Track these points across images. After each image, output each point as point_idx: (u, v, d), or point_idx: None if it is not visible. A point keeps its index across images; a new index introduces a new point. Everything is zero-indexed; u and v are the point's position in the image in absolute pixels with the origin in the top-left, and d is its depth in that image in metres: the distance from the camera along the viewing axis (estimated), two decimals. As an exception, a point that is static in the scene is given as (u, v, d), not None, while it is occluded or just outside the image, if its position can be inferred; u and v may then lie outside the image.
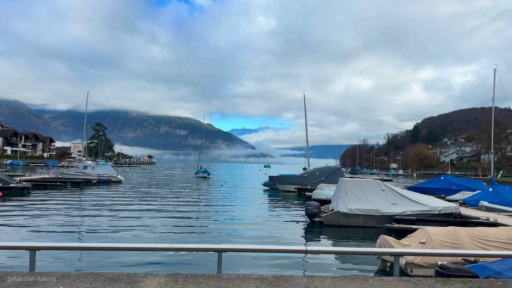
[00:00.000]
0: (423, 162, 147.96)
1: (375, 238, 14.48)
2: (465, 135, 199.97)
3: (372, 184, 16.77)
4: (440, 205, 16.41)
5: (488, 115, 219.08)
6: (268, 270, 9.56)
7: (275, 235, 14.29)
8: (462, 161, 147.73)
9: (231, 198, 28.41)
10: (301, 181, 34.38)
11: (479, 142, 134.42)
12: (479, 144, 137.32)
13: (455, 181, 29.03)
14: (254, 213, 20.42)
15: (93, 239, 12.70)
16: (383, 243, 9.45)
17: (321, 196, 23.63)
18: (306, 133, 40.97)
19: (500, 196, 20.83)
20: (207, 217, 18.35)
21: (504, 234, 9.17)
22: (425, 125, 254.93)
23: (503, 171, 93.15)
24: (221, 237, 13.58)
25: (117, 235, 13.36)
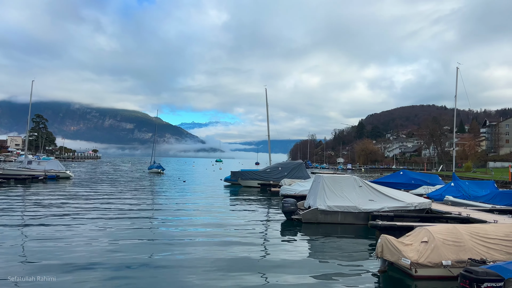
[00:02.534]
0: (369, 157, 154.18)
1: (354, 235, 14.35)
2: (406, 131, 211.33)
3: (350, 180, 16.60)
4: (415, 201, 16.60)
5: (426, 113, 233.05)
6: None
7: (257, 236, 13.60)
8: (405, 156, 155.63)
9: (193, 195, 27.26)
10: (264, 177, 33.97)
11: (420, 138, 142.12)
12: (420, 140, 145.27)
13: (414, 176, 29.98)
14: (227, 212, 19.58)
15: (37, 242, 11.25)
16: (385, 243, 9.10)
17: (289, 192, 23.29)
18: (267, 128, 40.64)
19: (461, 190, 21.68)
20: (171, 219, 17.10)
21: (502, 231, 9.17)
22: (369, 121, 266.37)
23: (443, 166, 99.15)
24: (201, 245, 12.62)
25: (69, 242, 11.98)
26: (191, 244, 11.85)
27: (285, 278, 8.83)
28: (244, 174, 35.19)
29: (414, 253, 8.68)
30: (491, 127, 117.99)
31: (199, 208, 20.48)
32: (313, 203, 16.09)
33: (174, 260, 9.93)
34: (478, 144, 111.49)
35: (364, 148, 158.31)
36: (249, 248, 11.54)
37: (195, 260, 9.98)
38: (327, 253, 11.40)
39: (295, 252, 11.44)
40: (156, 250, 10.86)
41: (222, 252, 10.86)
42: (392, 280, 8.88)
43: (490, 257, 8.40)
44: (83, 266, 9.03)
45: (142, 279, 8.33)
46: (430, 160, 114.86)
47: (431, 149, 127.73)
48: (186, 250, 10.98)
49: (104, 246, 11.08)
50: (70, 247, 10.85)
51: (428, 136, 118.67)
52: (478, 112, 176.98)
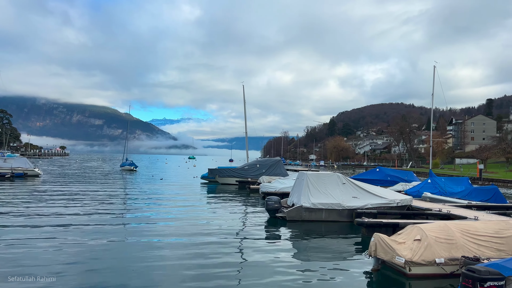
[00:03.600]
0: (340, 154, 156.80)
1: (339, 232, 14.30)
2: (376, 129, 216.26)
3: (333, 177, 16.56)
4: (397, 197, 16.75)
5: (395, 110, 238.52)
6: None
7: (241, 234, 13.34)
8: (375, 152, 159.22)
9: (169, 193, 26.61)
10: (242, 174, 33.66)
11: (390, 135, 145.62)
12: (390, 137, 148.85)
13: (390, 172, 30.50)
14: (206, 210, 19.17)
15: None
16: (379, 242, 9.03)
17: (270, 189, 23.10)
18: (245, 125, 40.28)
19: (438, 187, 22.12)
20: (147, 218, 16.55)
21: (491, 228, 9.27)
22: (341, 119, 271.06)
23: (412, 162, 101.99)
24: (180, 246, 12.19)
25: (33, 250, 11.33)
26: (169, 244, 11.38)
27: (274, 277, 8.62)
28: (221, 172, 34.77)
29: (407, 252, 8.63)
30: (457, 125, 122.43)
31: (176, 206, 19.93)
32: (297, 201, 15.95)
33: (149, 262, 9.45)
34: (445, 142, 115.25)
35: (335, 145, 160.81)
36: (234, 247, 11.27)
37: (174, 260, 9.59)
38: (316, 252, 11.26)
39: (282, 250, 11.24)
40: (130, 251, 10.41)
41: (204, 252, 10.50)
42: (386, 278, 8.81)
43: (482, 254, 8.46)
44: (51, 270, 8.47)
45: (111, 284, 7.84)
46: (400, 157, 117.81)
47: (400, 146, 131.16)
48: (164, 251, 10.53)
49: (75, 249, 10.47)
50: (37, 251, 10.20)
51: (398, 133, 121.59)
52: (444, 111, 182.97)
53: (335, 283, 8.43)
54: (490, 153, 67.16)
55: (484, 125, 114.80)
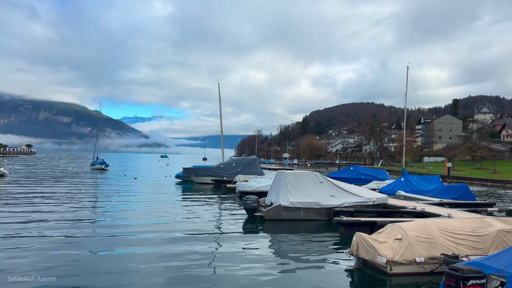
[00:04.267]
0: (313, 152, 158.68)
1: (317, 231, 14.36)
2: (348, 128, 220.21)
3: (311, 176, 16.62)
4: (373, 196, 17.01)
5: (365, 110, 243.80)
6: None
7: (219, 234, 13.17)
8: (347, 151, 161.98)
9: (143, 193, 26.01)
10: (217, 173, 33.37)
11: (361, 134, 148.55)
12: (361, 136, 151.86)
13: (363, 171, 31.01)
14: (182, 210, 18.84)
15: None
16: (361, 241, 9.07)
17: (247, 188, 22.97)
18: (221, 123, 39.97)
19: (411, 185, 22.67)
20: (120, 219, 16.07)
21: (468, 226, 9.48)
22: (313, 118, 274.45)
23: (382, 160, 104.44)
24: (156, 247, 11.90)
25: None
26: (143, 245, 11.06)
27: (253, 277, 8.53)
28: (196, 171, 34.35)
29: (389, 251, 8.71)
30: (426, 124, 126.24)
31: (151, 206, 19.46)
32: (276, 200, 15.91)
33: (122, 264, 9.14)
34: (414, 141, 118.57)
35: (308, 143, 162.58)
36: (212, 247, 11.09)
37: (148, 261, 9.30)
38: (295, 251, 11.23)
39: (262, 250, 11.16)
40: (102, 253, 10.08)
41: (180, 253, 10.26)
42: (367, 277, 8.86)
43: (460, 252, 8.63)
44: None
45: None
46: (371, 155, 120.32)
47: (371, 145, 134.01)
48: (138, 253, 10.23)
49: (42, 252, 10.00)
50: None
51: (368, 132, 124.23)
52: (413, 110, 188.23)
53: (317, 283, 8.40)
54: (457, 152, 69.49)
55: (450, 125, 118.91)
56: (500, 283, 6.43)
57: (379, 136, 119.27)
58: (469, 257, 8.20)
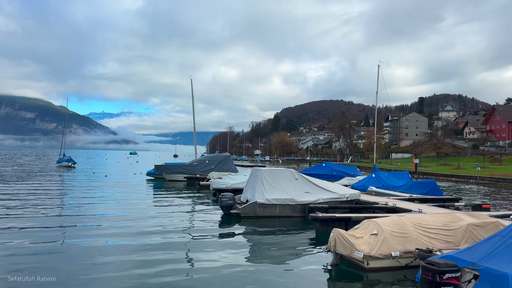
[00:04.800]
0: (285, 149, 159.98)
1: (293, 227, 14.45)
2: (318, 125, 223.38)
3: (286, 173, 16.71)
4: (347, 192, 17.28)
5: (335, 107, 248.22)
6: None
7: (195, 233, 13.01)
8: (317, 148, 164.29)
9: (113, 191, 25.32)
10: (190, 170, 33.01)
11: (331, 131, 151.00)
12: (331, 133, 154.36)
13: (335, 167, 31.53)
14: (155, 208, 18.51)
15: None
16: (338, 237, 9.19)
17: (221, 185, 22.81)
18: (193, 120, 39.46)
19: (381, 181, 23.21)
20: (88, 218, 15.62)
21: (440, 221, 9.80)
22: (284, 115, 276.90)
23: (352, 157, 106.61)
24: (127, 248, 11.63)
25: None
26: (113, 247, 10.76)
27: (230, 275, 8.50)
28: (169, 168, 33.82)
29: (366, 246, 8.87)
30: (393, 122, 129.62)
31: (121, 205, 18.96)
32: (252, 197, 15.89)
33: (91, 267, 8.82)
34: (382, 137, 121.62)
35: (280, 140, 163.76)
36: (186, 246, 10.94)
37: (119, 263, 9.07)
38: (272, 248, 11.24)
39: (238, 247, 11.13)
40: (70, 254, 9.73)
41: (153, 253, 10.04)
42: (345, 273, 8.99)
43: (433, 246, 8.90)
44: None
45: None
46: (341, 152, 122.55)
47: (341, 141, 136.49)
48: (108, 254, 9.92)
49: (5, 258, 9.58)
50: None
51: (338, 129, 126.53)
52: (381, 108, 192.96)
53: (295, 279, 8.46)
54: (423, 148, 71.91)
55: (417, 122, 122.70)
56: (473, 276, 6.66)
57: (348, 133, 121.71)
58: (442, 251, 8.47)
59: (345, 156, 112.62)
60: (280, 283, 8.20)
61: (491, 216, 11.06)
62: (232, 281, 8.17)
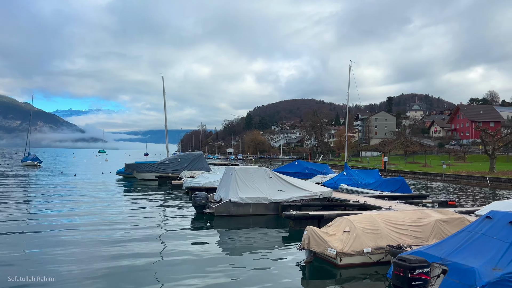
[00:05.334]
0: (257, 147, 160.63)
1: (266, 225, 14.50)
2: (290, 123, 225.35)
3: (260, 171, 16.74)
4: (319, 190, 17.50)
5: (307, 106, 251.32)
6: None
7: (166, 233, 12.81)
8: (290, 146, 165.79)
9: (81, 191, 24.58)
10: (162, 169, 32.49)
11: (303, 129, 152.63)
12: (303, 131, 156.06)
13: (307, 165, 31.88)
14: (125, 208, 18.08)
15: None
16: (312, 234, 9.28)
17: (194, 184, 22.59)
18: (165, 118, 38.82)
19: (352, 179, 23.66)
20: (55, 219, 15.11)
21: (409, 217, 10.07)
22: (257, 113, 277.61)
23: (323, 155, 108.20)
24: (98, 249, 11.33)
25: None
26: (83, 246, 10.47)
27: (203, 275, 8.43)
28: (139, 167, 33.15)
29: (338, 243, 9.00)
30: (363, 121, 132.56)
31: (90, 206, 18.32)
32: (225, 196, 15.82)
33: (59, 269, 8.51)
34: (352, 136, 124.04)
35: (253, 138, 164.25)
36: (159, 247, 10.75)
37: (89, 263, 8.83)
38: (246, 246, 11.25)
39: (211, 246, 11.07)
40: (36, 258, 9.36)
41: (124, 255, 9.82)
42: (318, 270, 9.09)
43: (404, 242, 9.15)
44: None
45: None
46: (313, 150, 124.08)
47: (312, 140, 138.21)
48: (76, 256, 9.60)
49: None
50: None
51: (310, 128, 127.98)
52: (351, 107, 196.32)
53: (269, 277, 8.48)
54: (392, 147, 73.79)
55: (386, 121, 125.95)
56: (442, 270, 6.89)
57: (320, 131, 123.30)
58: (412, 246, 8.72)
59: (316, 154, 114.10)
60: (254, 281, 8.20)
61: (457, 212, 11.50)
62: (205, 281, 8.10)
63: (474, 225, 7.65)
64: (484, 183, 35.25)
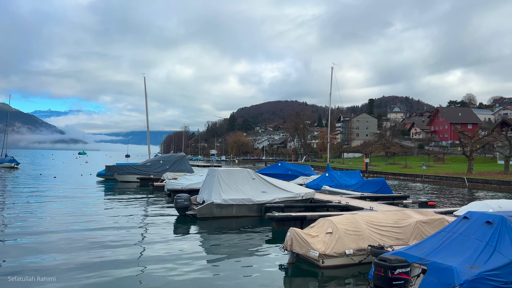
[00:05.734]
0: (241, 149, 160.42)
1: (249, 227, 14.48)
2: (273, 125, 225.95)
3: (243, 173, 16.71)
4: (302, 191, 17.57)
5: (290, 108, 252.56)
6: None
7: (148, 236, 12.67)
8: (273, 147, 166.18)
9: (60, 193, 24.10)
10: (143, 171, 32.11)
11: (286, 131, 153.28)
12: (286, 132, 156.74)
13: (290, 167, 32.03)
14: (105, 211, 17.80)
15: None
16: (294, 236, 9.30)
17: (176, 186, 22.39)
18: (147, 119, 38.40)
19: (334, 180, 23.86)
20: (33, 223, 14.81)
21: (390, 218, 10.20)
22: (240, 115, 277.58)
23: (306, 156, 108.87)
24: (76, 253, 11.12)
25: None
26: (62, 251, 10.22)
27: (186, 276, 8.39)
28: (120, 168, 32.67)
29: (321, 245, 9.05)
30: (345, 122, 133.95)
31: (69, 208, 17.99)
32: (208, 197, 15.73)
33: (39, 274, 8.25)
34: (334, 137, 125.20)
35: (236, 140, 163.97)
36: (140, 250, 10.62)
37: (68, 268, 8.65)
38: (229, 248, 11.23)
39: (194, 249, 11.00)
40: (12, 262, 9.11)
41: (105, 256, 9.72)
42: (301, 271, 9.12)
43: (385, 243, 9.25)
44: None
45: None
46: (295, 151, 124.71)
47: (295, 141, 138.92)
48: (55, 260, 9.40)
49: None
50: None
51: (293, 129, 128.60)
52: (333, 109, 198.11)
53: (252, 279, 8.47)
54: (373, 148, 74.77)
55: (367, 123, 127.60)
56: (421, 270, 7.00)
57: (302, 133, 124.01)
58: (393, 247, 8.83)
59: (299, 155, 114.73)
60: (237, 282, 8.18)
61: (436, 213, 11.72)
62: (188, 283, 8.03)
63: (453, 225, 7.81)
64: (462, 184, 36.06)
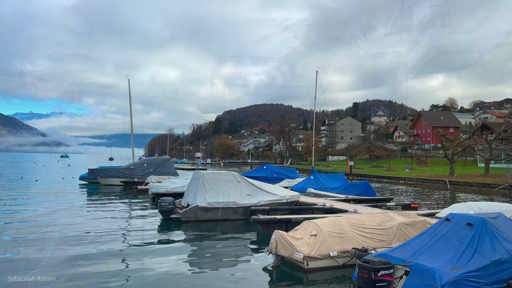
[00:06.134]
0: (226, 152, 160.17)
1: (234, 230, 14.47)
2: (259, 128, 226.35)
3: (229, 176, 16.66)
4: (287, 194, 17.60)
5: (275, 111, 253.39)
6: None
7: (131, 240, 12.51)
8: (258, 150, 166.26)
9: (42, 197, 23.68)
10: (127, 174, 31.70)
11: (272, 134, 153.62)
12: (272, 135, 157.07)
13: (276, 170, 32.10)
14: (88, 215, 17.53)
15: None
16: (279, 239, 9.31)
17: (160, 189, 22.17)
18: (131, 122, 37.95)
19: (319, 183, 24.02)
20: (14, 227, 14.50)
21: (374, 221, 10.31)
22: (226, 118, 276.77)
23: (291, 159, 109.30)
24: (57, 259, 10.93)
25: None
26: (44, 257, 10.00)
27: (171, 281, 8.31)
28: (104, 172, 32.19)
29: (305, 247, 9.08)
30: (330, 126, 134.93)
31: (51, 212, 17.64)
32: (193, 201, 15.63)
33: (19, 280, 8.03)
34: (319, 140, 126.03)
35: (222, 143, 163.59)
36: (123, 254, 10.49)
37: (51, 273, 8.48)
38: (214, 251, 11.18)
39: (178, 252, 10.94)
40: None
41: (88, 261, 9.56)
42: (285, 274, 9.12)
43: (368, 245, 9.34)
44: None
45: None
46: (281, 154, 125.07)
47: (281, 144, 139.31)
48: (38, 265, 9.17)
49: None
50: None
51: (278, 132, 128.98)
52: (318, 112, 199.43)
53: (237, 282, 8.44)
54: (357, 151, 75.52)
55: (351, 126, 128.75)
56: (404, 271, 7.09)
57: (288, 136, 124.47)
58: (376, 249, 8.91)
59: (285, 158, 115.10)
60: (222, 285, 8.14)
61: (419, 215, 11.87)
62: (172, 286, 7.95)
63: (435, 227, 7.93)
64: (444, 186, 36.69)
